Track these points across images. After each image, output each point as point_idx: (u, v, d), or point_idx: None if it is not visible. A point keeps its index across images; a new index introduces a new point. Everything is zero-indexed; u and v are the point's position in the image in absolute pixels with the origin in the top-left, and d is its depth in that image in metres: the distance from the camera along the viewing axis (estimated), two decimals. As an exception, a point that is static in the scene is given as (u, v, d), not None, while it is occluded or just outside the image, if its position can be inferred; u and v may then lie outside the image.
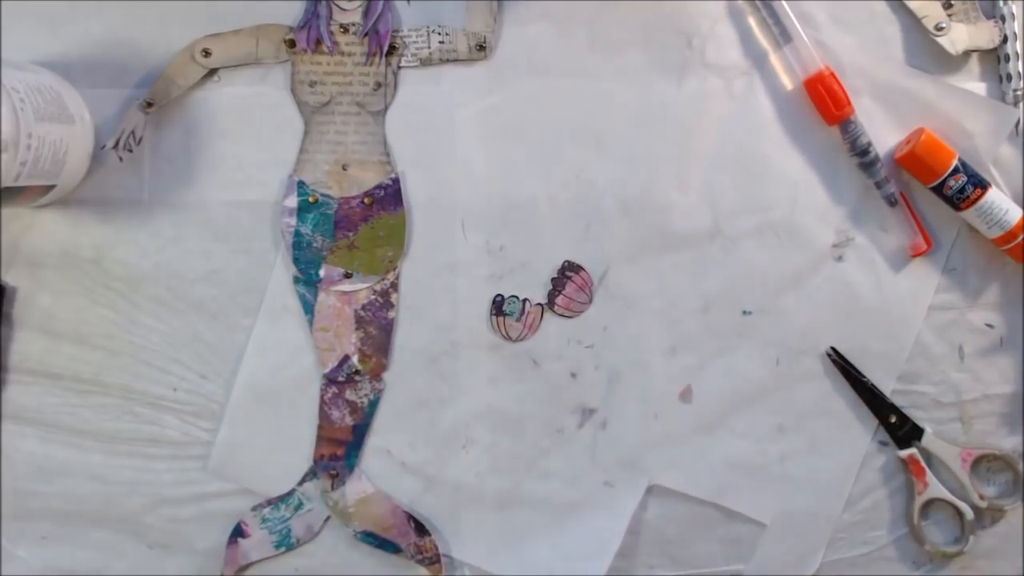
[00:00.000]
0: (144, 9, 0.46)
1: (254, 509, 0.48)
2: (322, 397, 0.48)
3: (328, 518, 0.49)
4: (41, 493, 0.48)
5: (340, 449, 0.48)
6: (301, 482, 0.48)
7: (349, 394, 0.48)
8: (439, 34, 0.47)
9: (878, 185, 0.48)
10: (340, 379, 0.48)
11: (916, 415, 0.50)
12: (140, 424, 0.48)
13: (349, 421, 0.48)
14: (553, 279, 0.49)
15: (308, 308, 0.48)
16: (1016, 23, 0.48)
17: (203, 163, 0.47)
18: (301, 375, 0.48)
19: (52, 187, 0.43)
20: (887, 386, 0.50)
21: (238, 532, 0.48)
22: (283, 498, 0.48)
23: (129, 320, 0.48)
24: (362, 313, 0.48)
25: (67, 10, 0.46)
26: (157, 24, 0.46)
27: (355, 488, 0.49)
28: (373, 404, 0.48)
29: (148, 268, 0.47)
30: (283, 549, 0.48)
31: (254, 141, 0.47)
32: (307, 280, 0.48)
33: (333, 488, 0.48)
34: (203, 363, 0.48)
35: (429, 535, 0.49)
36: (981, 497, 0.50)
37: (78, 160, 0.44)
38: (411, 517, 0.49)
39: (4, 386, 0.47)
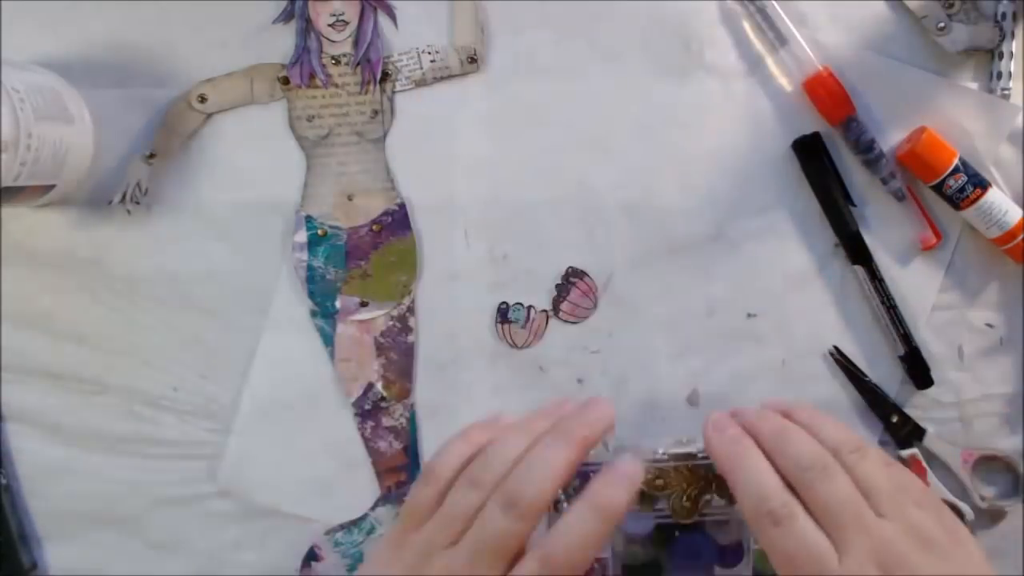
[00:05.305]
0: (144, 9, 0.46)
1: (327, 533, 0.48)
2: (362, 435, 0.48)
3: None
4: (42, 493, 0.48)
5: (402, 475, 0.48)
6: (374, 507, 0.49)
7: (386, 421, 0.48)
8: (429, 53, 0.47)
9: (884, 181, 0.48)
10: (367, 407, 0.48)
11: (916, 415, 0.50)
12: (140, 424, 0.48)
13: (398, 446, 0.48)
14: (557, 285, 0.49)
15: (328, 340, 0.48)
16: (1016, 23, 0.48)
17: (203, 163, 0.47)
18: (310, 389, 0.48)
19: (52, 187, 0.43)
20: (890, 386, 0.50)
21: (312, 556, 0.48)
22: (356, 522, 0.49)
23: (129, 320, 0.48)
24: (381, 340, 0.48)
25: (67, 10, 0.46)
26: (157, 24, 0.46)
27: None
28: (412, 420, 0.48)
29: (148, 268, 0.47)
30: (356, 572, 0.49)
31: (253, 141, 0.47)
32: (324, 313, 0.48)
33: None
34: (203, 363, 0.48)
35: None
36: (982, 498, 0.50)
37: (78, 160, 0.44)
38: None
39: (4, 386, 0.47)
